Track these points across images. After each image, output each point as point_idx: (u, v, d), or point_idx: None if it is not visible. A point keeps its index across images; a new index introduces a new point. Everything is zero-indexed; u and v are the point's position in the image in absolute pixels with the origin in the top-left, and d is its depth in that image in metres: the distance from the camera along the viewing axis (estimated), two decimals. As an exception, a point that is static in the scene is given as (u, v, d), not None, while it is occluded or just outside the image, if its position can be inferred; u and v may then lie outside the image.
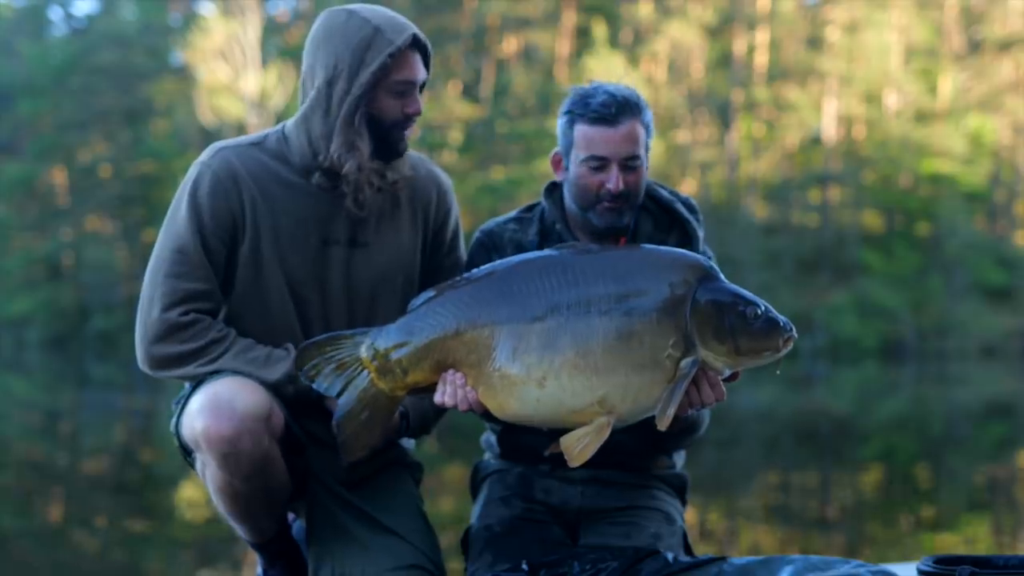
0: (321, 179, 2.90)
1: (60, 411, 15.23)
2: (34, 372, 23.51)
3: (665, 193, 3.03)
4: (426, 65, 2.94)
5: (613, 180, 2.85)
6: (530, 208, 3.10)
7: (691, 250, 2.92)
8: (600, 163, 2.85)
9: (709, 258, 2.97)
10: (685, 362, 2.47)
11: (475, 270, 2.65)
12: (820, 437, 12.65)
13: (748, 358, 2.50)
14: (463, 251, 3.18)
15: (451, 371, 2.58)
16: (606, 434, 2.49)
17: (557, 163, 3.00)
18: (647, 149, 2.92)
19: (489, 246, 3.03)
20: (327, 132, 2.88)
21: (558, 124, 2.97)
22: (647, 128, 2.92)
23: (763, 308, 2.49)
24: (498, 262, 2.65)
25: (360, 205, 2.92)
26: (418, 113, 2.91)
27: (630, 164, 2.86)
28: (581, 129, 2.87)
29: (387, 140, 2.90)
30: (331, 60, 2.85)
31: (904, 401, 18.25)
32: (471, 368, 2.56)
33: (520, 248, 2.99)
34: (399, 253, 3.04)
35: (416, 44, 2.89)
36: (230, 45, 32.01)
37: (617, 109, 2.84)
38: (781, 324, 2.49)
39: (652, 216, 3.01)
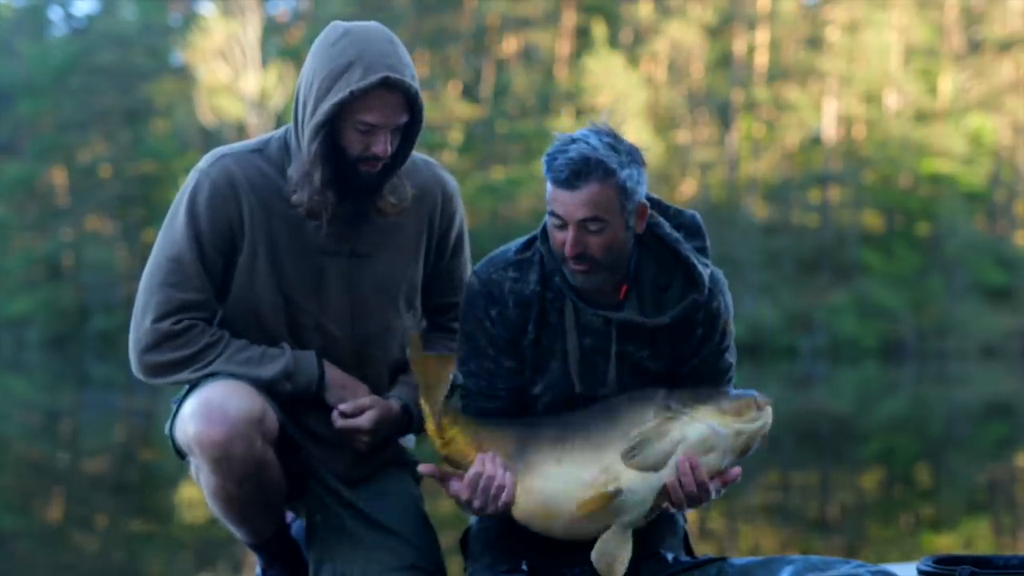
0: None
1: (60, 411, 15.23)
2: (34, 372, 23.52)
3: (667, 228, 2.86)
4: (414, 107, 2.83)
5: (568, 242, 2.73)
6: (529, 244, 2.92)
7: (698, 293, 2.82)
8: (560, 222, 2.74)
9: (718, 300, 2.87)
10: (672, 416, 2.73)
11: None
12: (820, 437, 12.66)
13: (733, 417, 2.71)
14: (468, 256, 3.15)
15: (490, 453, 2.75)
16: (627, 538, 2.72)
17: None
18: (624, 209, 2.74)
19: (488, 297, 2.88)
20: (295, 151, 2.87)
21: None
22: (622, 188, 2.72)
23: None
24: None
25: (320, 227, 2.87)
26: (383, 154, 2.81)
27: (590, 227, 2.72)
28: (548, 185, 2.76)
29: (349, 174, 2.83)
30: (309, 77, 2.82)
31: (904, 401, 18.25)
32: (509, 457, 2.76)
33: (522, 300, 2.86)
34: (402, 261, 3.01)
35: (393, 86, 2.77)
36: (230, 45, 32.00)
37: (574, 174, 2.69)
38: (751, 393, 2.76)
39: (655, 256, 2.86)
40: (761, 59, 34.02)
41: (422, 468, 2.78)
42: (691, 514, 3.06)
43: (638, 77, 32.36)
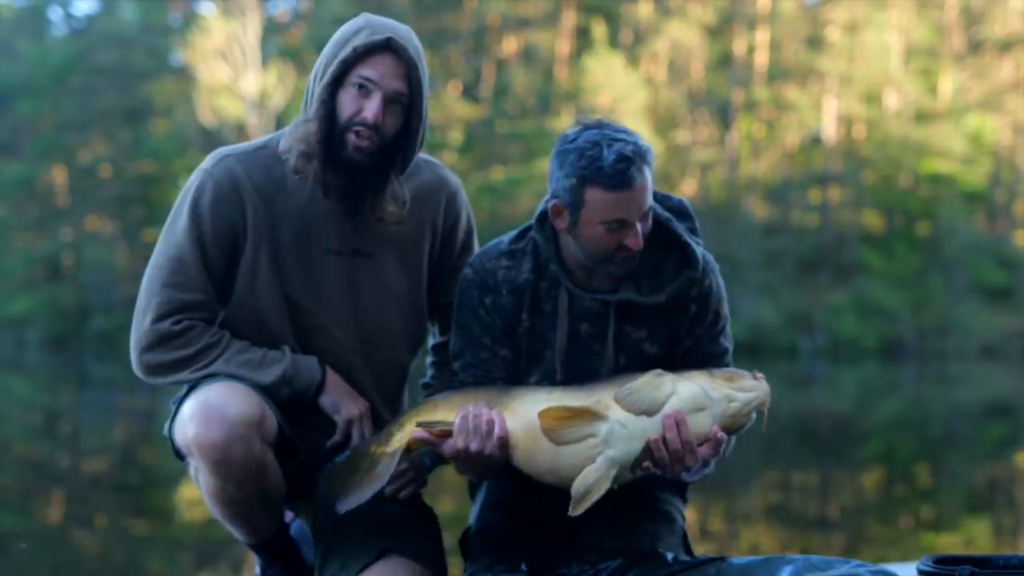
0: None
1: (60, 411, 15.23)
2: (34, 372, 23.51)
3: (659, 210, 2.88)
4: (412, 82, 2.84)
5: (636, 239, 2.73)
6: (522, 235, 2.93)
7: (692, 270, 2.85)
8: (621, 225, 2.73)
9: (710, 279, 2.90)
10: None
11: None
12: (820, 437, 12.66)
13: (724, 382, 2.70)
14: (477, 250, 3.14)
15: (471, 404, 2.72)
16: (610, 474, 2.66)
17: (558, 214, 2.80)
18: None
19: (481, 286, 2.89)
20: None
21: (559, 179, 2.76)
22: (651, 166, 2.79)
23: None
24: None
25: (306, 182, 2.88)
26: (373, 119, 2.80)
27: (647, 215, 2.77)
28: (597, 194, 2.71)
29: (338, 141, 2.83)
30: (321, 55, 2.88)
31: (904, 401, 18.26)
32: (489, 401, 2.75)
33: (515, 288, 2.87)
34: (404, 262, 3.02)
35: (395, 51, 2.81)
36: (230, 45, 32.01)
37: (633, 170, 2.70)
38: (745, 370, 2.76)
39: (648, 237, 2.85)
40: (761, 59, 34.04)
41: (415, 433, 2.75)
42: (691, 514, 3.06)
43: (638, 77, 32.37)
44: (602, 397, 2.68)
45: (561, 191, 2.76)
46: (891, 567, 2.74)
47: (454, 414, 2.73)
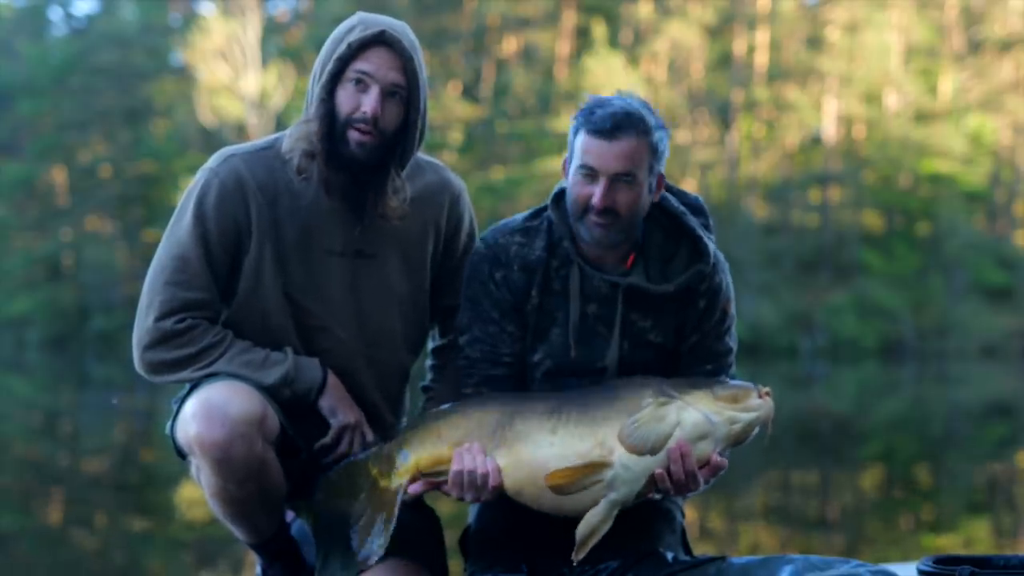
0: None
1: (60, 411, 15.23)
2: (34, 372, 23.51)
3: (674, 202, 2.92)
4: (409, 74, 2.85)
5: (598, 194, 2.75)
6: (537, 214, 2.97)
7: (703, 263, 2.86)
8: (590, 173, 2.76)
9: (720, 276, 2.91)
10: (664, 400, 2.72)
11: None
12: (820, 437, 12.66)
13: (728, 404, 2.70)
14: None
15: (466, 444, 2.71)
16: (612, 515, 2.69)
17: (564, 165, 2.90)
18: (651, 170, 2.80)
19: (493, 261, 2.92)
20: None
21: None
22: (654, 149, 2.79)
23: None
24: None
25: (309, 179, 2.89)
26: (372, 111, 2.82)
27: (623, 180, 2.76)
28: (581, 138, 2.78)
29: (339, 139, 2.85)
30: (318, 60, 2.89)
31: (904, 401, 18.26)
32: (487, 439, 2.72)
33: (527, 265, 2.89)
34: (407, 264, 3.03)
35: (389, 45, 2.83)
36: (230, 45, 31.99)
37: (616, 124, 2.74)
38: (752, 384, 2.74)
39: (661, 229, 2.92)
40: (761, 59, 34.02)
41: (412, 489, 2.77)
42: (691, 513, 3.07)
43: (638, 77, 32.35)
44: (606, 436, 2.68)
45: (569, 140, 2.85)
46: (891, 567, 2.74)
47: (452, 449, 2.73)
